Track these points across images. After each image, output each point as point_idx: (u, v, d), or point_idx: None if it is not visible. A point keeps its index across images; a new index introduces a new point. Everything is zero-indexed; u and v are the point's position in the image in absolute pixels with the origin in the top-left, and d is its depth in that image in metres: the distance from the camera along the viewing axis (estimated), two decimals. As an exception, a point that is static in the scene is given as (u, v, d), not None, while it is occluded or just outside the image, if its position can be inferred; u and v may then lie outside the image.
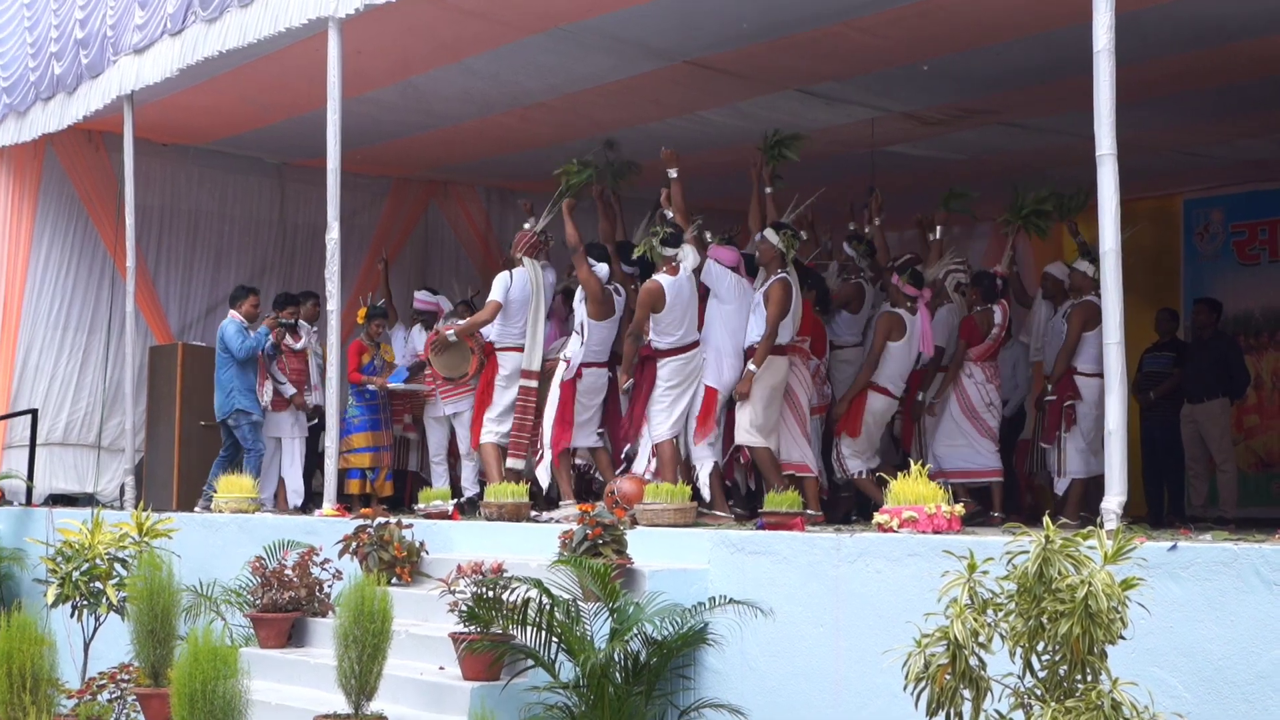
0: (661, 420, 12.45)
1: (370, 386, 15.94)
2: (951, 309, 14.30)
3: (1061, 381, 13.24)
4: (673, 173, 12.86)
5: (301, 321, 16.07)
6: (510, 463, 13.42)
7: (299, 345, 15.85)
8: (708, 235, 12.79)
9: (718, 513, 12.26)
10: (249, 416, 15.18)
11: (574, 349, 13.04)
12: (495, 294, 13.70)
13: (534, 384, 13.46)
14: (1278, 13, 11.51)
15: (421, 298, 16.12)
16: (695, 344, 12.50)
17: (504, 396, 13.68)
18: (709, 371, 12.60)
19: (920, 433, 14.17)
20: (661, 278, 12.41)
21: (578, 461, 13.68)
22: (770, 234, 12.57)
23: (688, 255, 12.49)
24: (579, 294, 13.28)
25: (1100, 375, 12.80)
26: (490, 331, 13.82)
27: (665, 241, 12.47)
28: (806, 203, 13.50)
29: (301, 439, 16.04)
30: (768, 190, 13.46)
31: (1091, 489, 13.19)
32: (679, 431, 12.52)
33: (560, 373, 13.04)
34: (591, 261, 13.12)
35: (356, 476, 15.90)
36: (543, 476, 13.06)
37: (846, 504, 13.92)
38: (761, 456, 12.42)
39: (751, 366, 12.22)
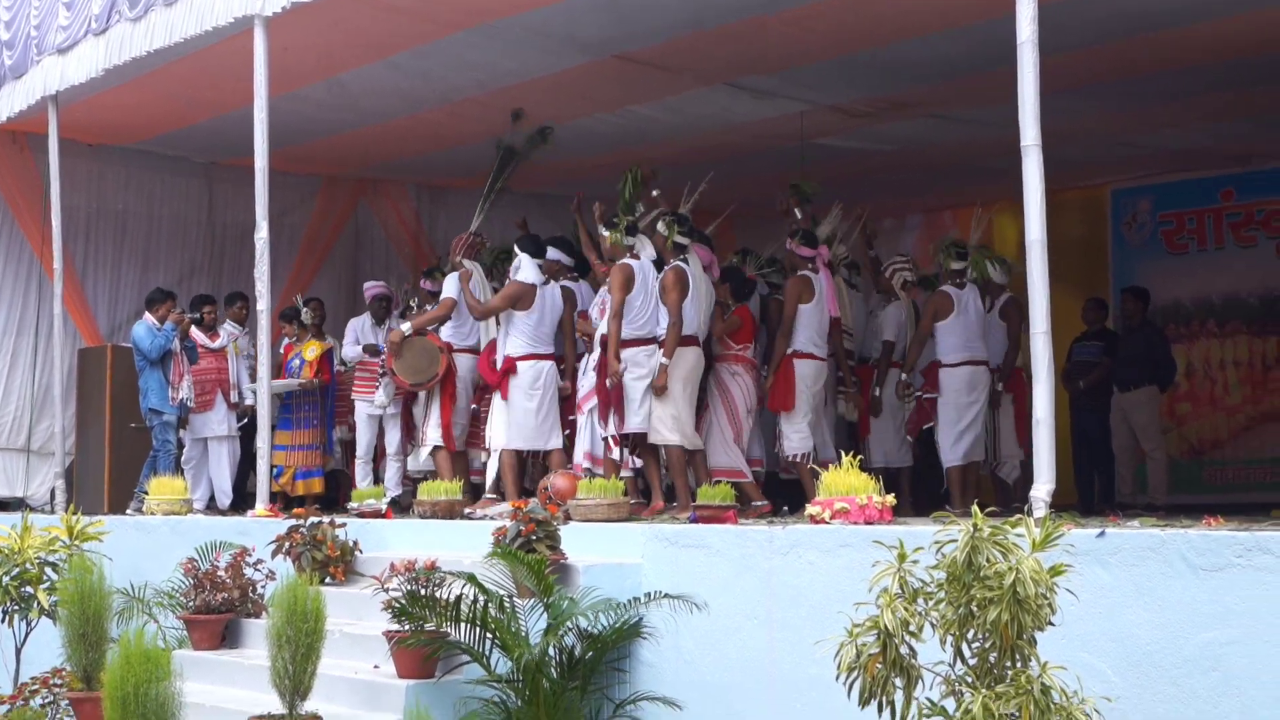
0: (631, 414, 12.23)
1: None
2: (899, 305, 14.38)
3: (927, 373, 13.56)
4: (602, 231, 12.85)
5: (230, 324, 16.02)
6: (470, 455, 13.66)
7: (216, 344, 15.79)
8: (661, 226, 12.63)
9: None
10: (160, 416, 15.13)
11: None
12: (449, 291, 13.76)
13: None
14: (1200, 2, 11.62)
15: (374, 284, 16.03)
16: (656, 339, 12.30)
17: (464, 399, 13.74)
18: None
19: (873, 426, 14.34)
20: (629, 260, 12.34)
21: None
22: (660, 225, 12.57)
23: (645, 245, 12.48)
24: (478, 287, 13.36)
25: (965, 364, 13.13)
26: (445, 334, 13.82)
27: (627, 230, 12.45)
28: (699, 189, 13.41)
29: (231, 440, 15.97)
30: (655, 193, 13.34)
31: (970, 474, 13.46)
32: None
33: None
34: (518, 252, 13.15)
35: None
36: (490, 470, 13.06)
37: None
38: (675, 455, 12.22)
39: (663, 359, 12.09)
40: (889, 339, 14.26)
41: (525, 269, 13.05)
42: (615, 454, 12.18)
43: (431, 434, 13.81)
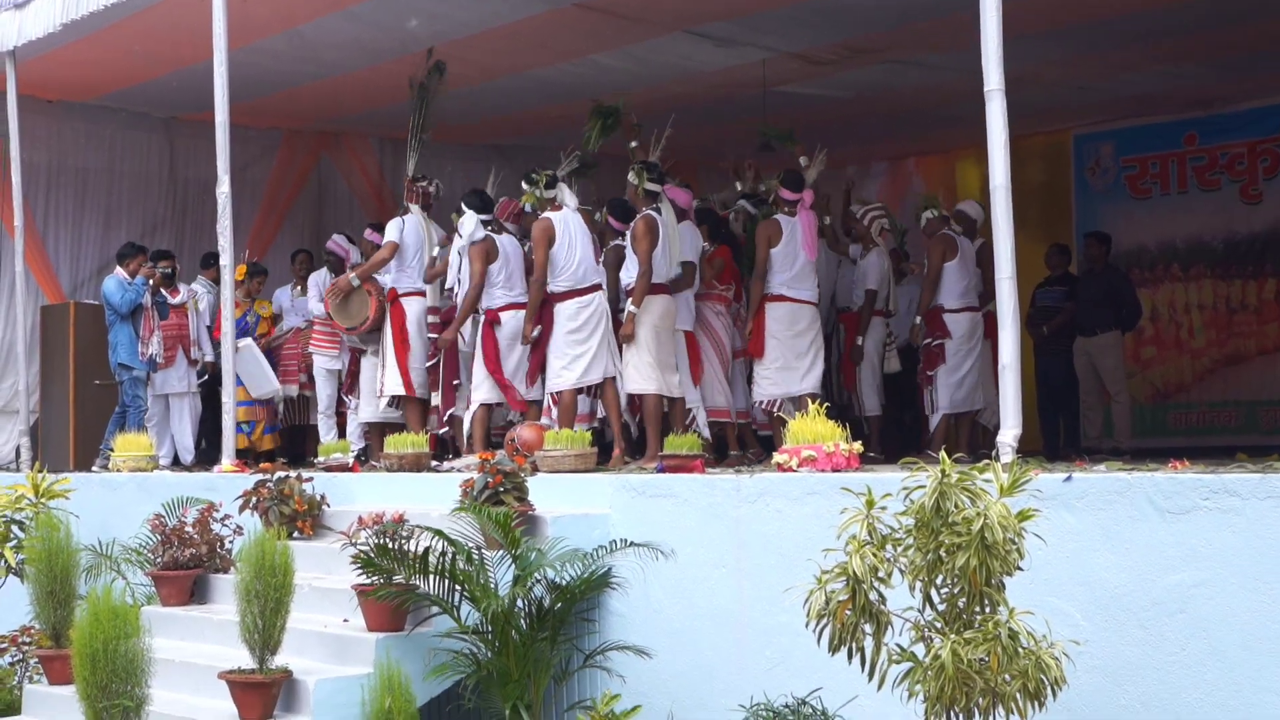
0: (560, 368, 12.23)
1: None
2: (879, 252, 14.36)
3: (929, 320, 13.47)
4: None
5: (202, 282, 16.00)
6: (422, 394, 13.62)
7: (176, 300, 15.74)
8: (631, 175, 12.55)
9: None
10: (130, 371, 15.09)
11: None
12: (390, 234, 13.77)
13: (436, 320, 13.54)
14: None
15: (338, 240, 15.97)
16: (596, 287, 12.30)
17: (417, 343, 13.65)
18: (683, 316, 12.72)
19: (857, 379, 14.31)
20: (548, 214, 12.32)
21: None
22: (630, 174, 12.51)
23: (565, 194, 12.46)
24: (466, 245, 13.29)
25: (966, 310, 13.16)
26: (389, 279, 13.80)
27: (547, 184, 12.45)
28: (665, 134, 13.36)
29: (192, 396, 15.96)
30: (633, 145, 13.32)
31: (964, 424, 13.54)
32: (585, 382, 12.24)
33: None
34: (464, 209, 13.09)
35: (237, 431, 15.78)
36: (465, 421, 12.97)
37: None
38: (650, 403, 12.18)
39: (631, 307, 12.05)
40: (871, 287, 14.22)
41: (469, 223, 12.95)
42: (553, 414, 12.21)
43: (390, 383, 13.75)
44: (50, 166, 17.34)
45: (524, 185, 12.62)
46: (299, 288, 16.62)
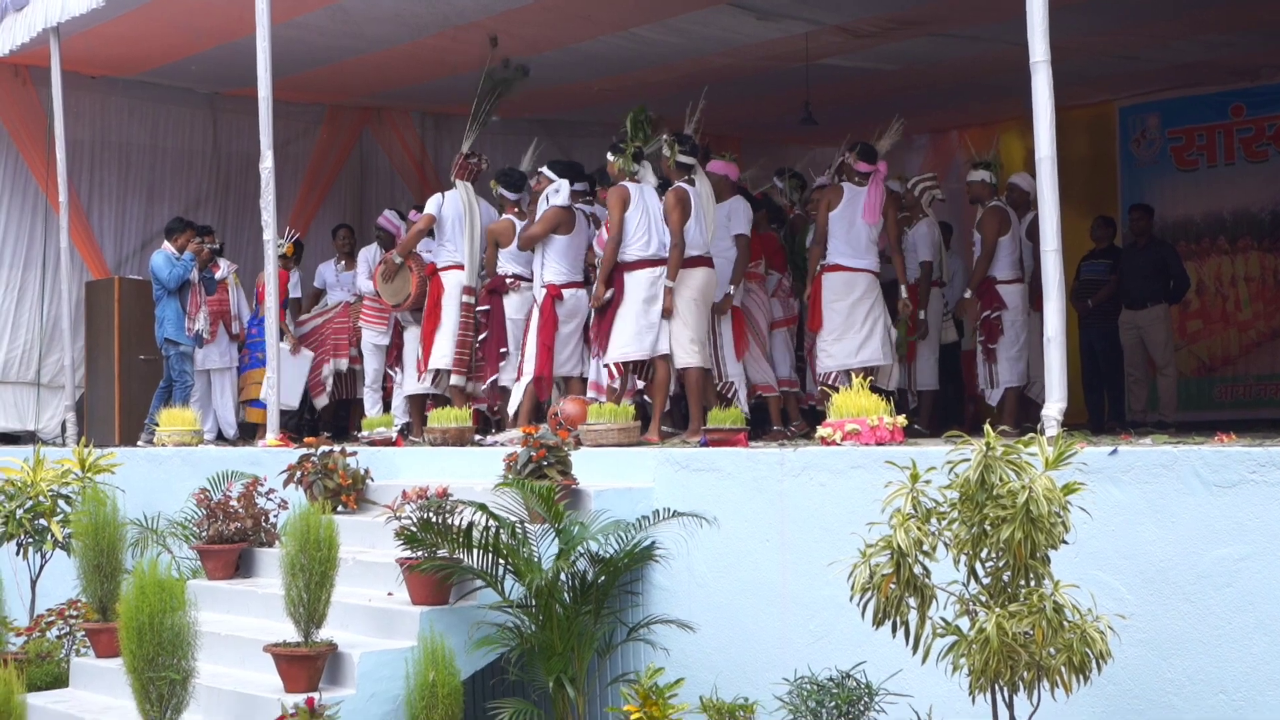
0: (631, 336, 12.04)
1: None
2: (930, 222, 14.32)
3: (983, 292, 13.34)
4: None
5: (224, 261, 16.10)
6: (454, 379, 13.44)
7: (217, 276, 15.80)
8: (664, 148, 12.49)
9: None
10: (177, 346, 15.18)
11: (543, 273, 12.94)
12: (429, 208, 13.86)
13: (472, 300, 13.45)
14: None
15: (388, 216, 15.99)
16: (664, 260, 12.11)
17: (451, 316, 13.64)
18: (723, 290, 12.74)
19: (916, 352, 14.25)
20: (626, 183, 12.17)
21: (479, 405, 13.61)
22: (663, 146, 12.43)
23: (648, 172, 12.36)
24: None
25: (1019, 281, 13.09)
26: (430, 254, 13.82)
27: (634, 156, 12.30)
28: (700, 107, 13.30)
29: (233, 371, 16.04)
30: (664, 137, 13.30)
31: (1014, 398, 13.43)
32: (654, 353, 12.07)
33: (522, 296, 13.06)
34: (552, 176, 13.04)
35: (260, 406, 15.87)
36: (515, 395, 12.85)
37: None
38: (694, 377, 12.08)
39: (666, 281, 11.96)
40: (926, 259, 14.14)
41: (563, 192, 12.90)
42: (616, 382, 12.08)
43: (433, 358, 13.80)
44: (94, 142, 17.43)
45: (609, 155, 12.44)
46: (343, 262, 16.65)
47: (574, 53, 15.17)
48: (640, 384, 12.30)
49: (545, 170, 13.25)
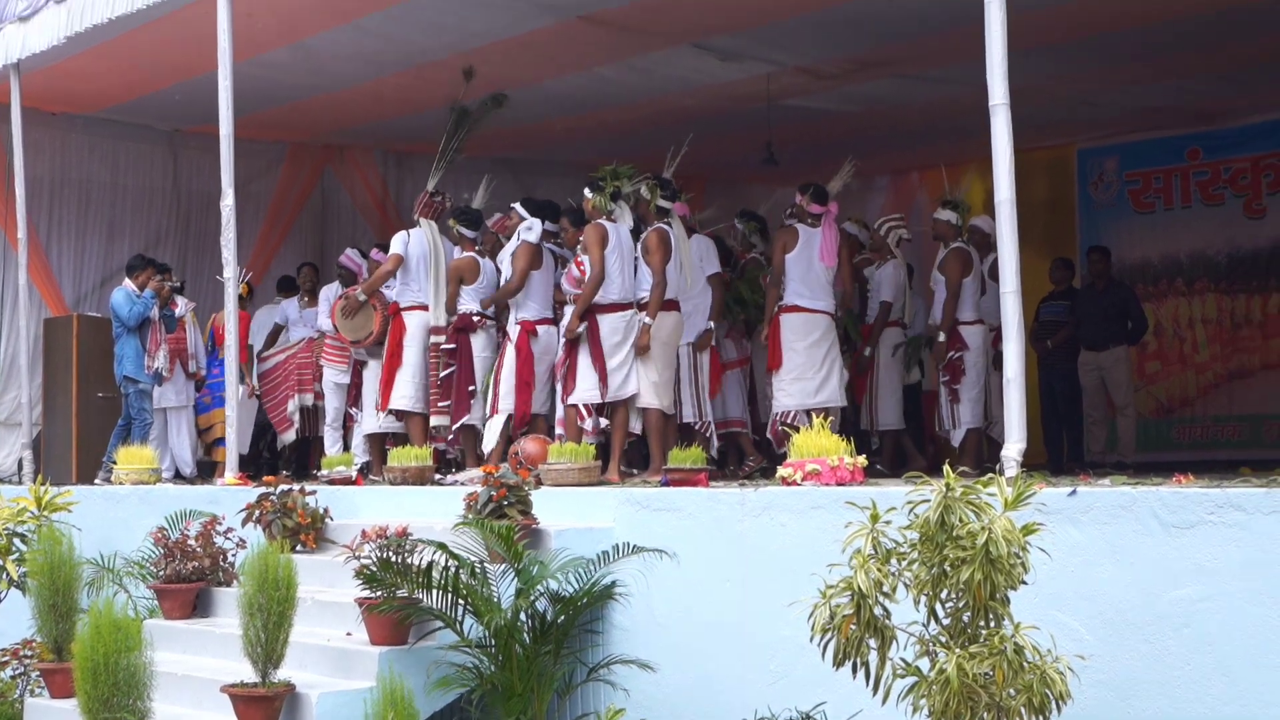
0: (597, 380, 12.04)
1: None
2: (897, 264, 14.38)
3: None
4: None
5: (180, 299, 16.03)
6: (434, 420, 13.40)
7: (176, 313, 15.75)
8: (643, 190, 12.50)
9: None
10: (136, 384, 15.12)
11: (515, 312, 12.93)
12: (394, 248, 13.74)
13: (442, 339, 13.39)
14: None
15: (350, 255, 15.96)
16: (634, 304, 12.16)
17: (413, 356, 13.60)
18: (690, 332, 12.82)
19: (872, 389, 14.25)
20: (603, 222, 12.11)
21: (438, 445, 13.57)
22: (643, 189, 12.46)
23: (625, 213, 12.33)
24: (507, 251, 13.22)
25: (980, 322, 13.15)
26: (393, 293, 13.78)
27: (612, 196, 12.24)
28: (680, 153, 13.36)
29: (189, 410, 15.99)
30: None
31: (975, 439, 13.46)
32: (620, 395, 12.09)
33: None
34: (524, 214, 13.02)
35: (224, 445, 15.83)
36: (491, 434, 12.74)
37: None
38: (655, 418, 12.16)
39: (645, 319, 11.99)
40: (886, 299, 14.20)
41: (535, 230, 12.87)
42: (588, 423, 12.03)
43: (393, 399, 13.77)
44: (53, 179, 17.37)
45: (587, 192, 12.39)
46: (305, 299, 16.62)
47: (537, 91, 15.20)
48: (604, 423, 12.29)
49: (517, 207, 13.23)
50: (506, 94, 14.20)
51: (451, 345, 13.31)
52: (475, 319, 13.26)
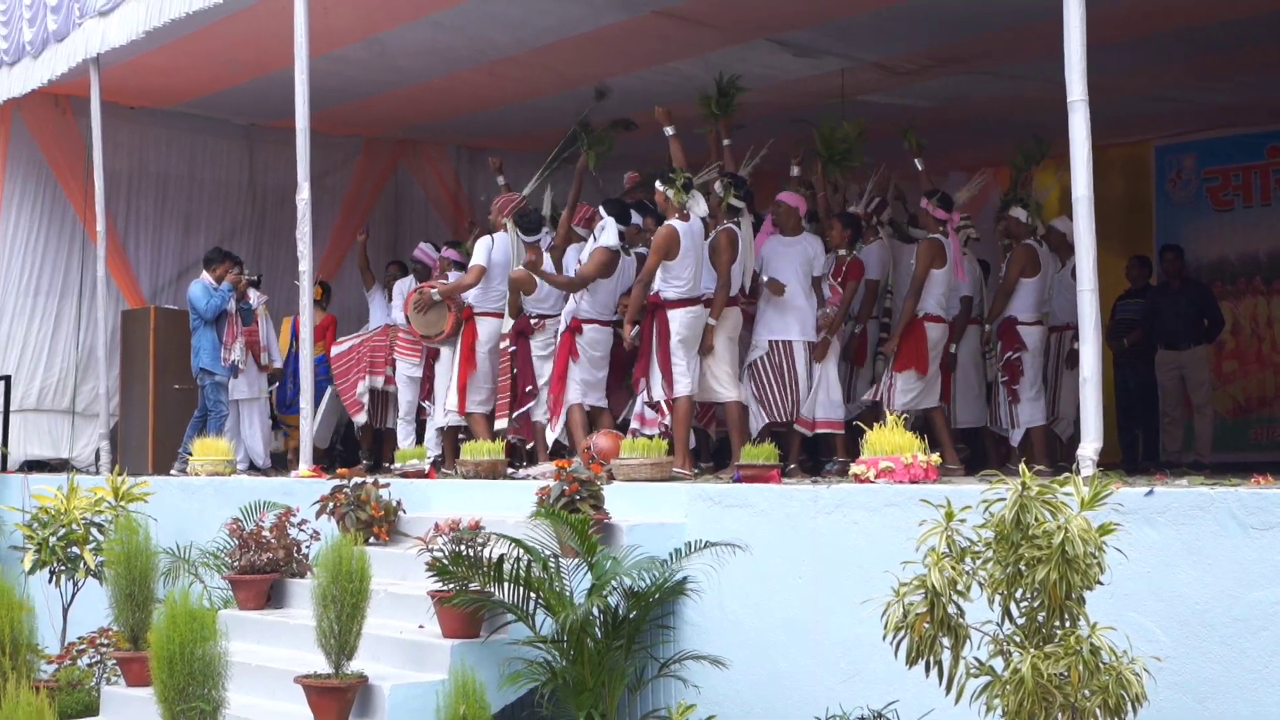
0: (678, 374, 12.02)
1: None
2: (970, 260, 14.30)
3: (1003, 332, 13.37)
4: (668, 130, 12.73)
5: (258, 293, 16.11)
6: (497, 424, 13.45)
7: (251, 305, 15.86)
8: (717, 188, 12.52)
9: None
10: (212, 376, 15.20)
11: (570, 304, 12.89)
12: (478, 258, 13.65)
13: (508, 344, 13.42)
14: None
15: (424, 249, 16.01)
16: (701, 300, 12.17)
17: (484, 363, 13.64)
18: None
19: (952, 386, 14.15)
20: (675, 222, 12.04)
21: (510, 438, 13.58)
22: (717, 187, 12.47)
23: (699, 202, 12.31)
24: (577, 250, 13.18)
25: (1039, 324, 13.10)
26: (469, 296, 13.77)
27: (684, 187, 12.19)
28: (760, 153, 13.36)
29: (262, 401, 16.07)
30: (726, 143, 13.36)
31: (1042, 435, 13.41)
32: (692, 390, 12.08)
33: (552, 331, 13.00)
34: (603, 214, 13.02)
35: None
36: (551, 436, 12.88)
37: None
38: (735, 411, 12.27)
39: (710, 320, 12.09)
40: (967, 294, 14.14)
41: (610, 233, 12.82)
42: (667, 419, 12.01)
43: (449, 399, 13.84)
44: (131, 172, 17.55)
45: (658, 184, 12.37)
46: (389, 294, 16.69)
47: (611, 86, 15.19)
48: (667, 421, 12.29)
49: (601, 209, 13.15)
50: (634, 121, 14.14)
51: (512, 347, 13.33)
52: (534, 321, 13.25)
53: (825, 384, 12.95)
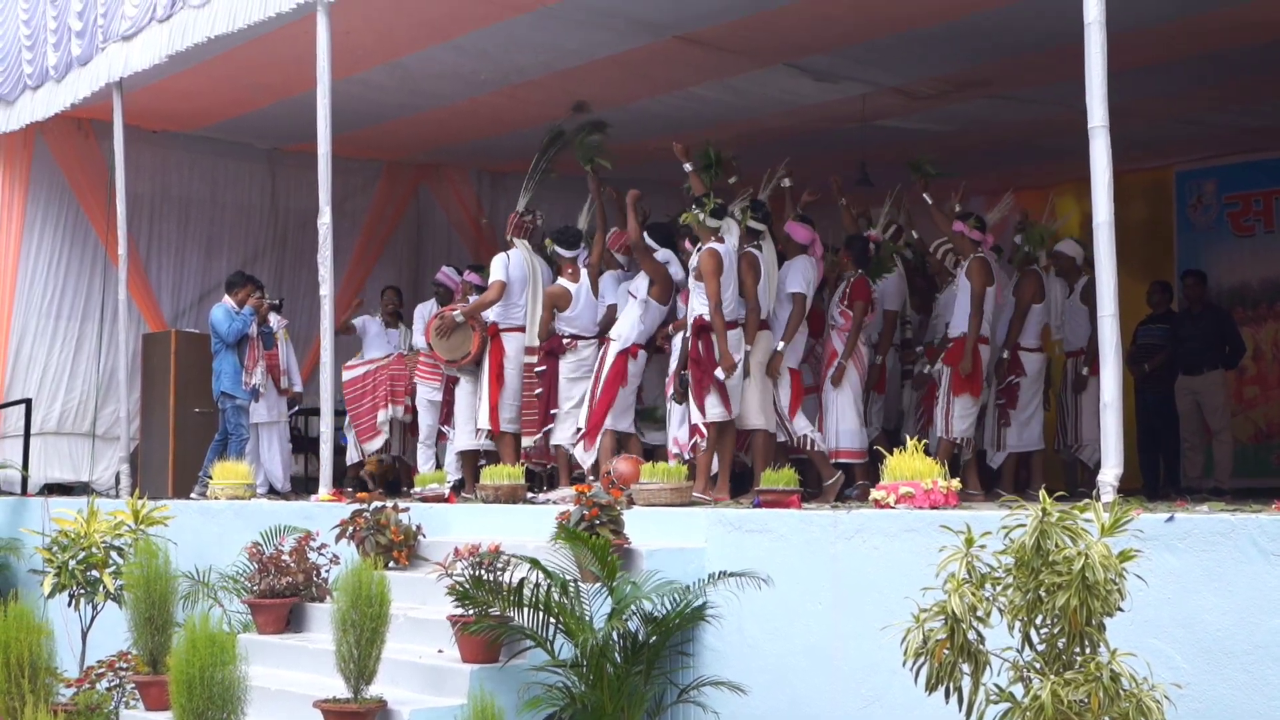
0: (716, 400, 11.97)
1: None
2: (900, 274, 14.25)
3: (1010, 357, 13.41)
4: (687, 166, 12.71)
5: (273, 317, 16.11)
6: (525, 441, 13.47)
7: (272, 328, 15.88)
8: (736, 213, 12.51)
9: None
10: (233, 400, 15.21)
11: (628, 328, 12.88)
12: (496, 274, 13.70)
13: (534, 360, 13.47)
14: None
15: (446, 272, 16.05)
16: (739, 324, 12.13)
17: (513, 379, 13.67)
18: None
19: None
20: (716, 245, 11.99)
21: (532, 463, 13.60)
22: (735, 210, 12.45)
23: (731, 228, 12.27)
24: (640, 278, 13.14)
25: (1039, 350, 13.12)
26: (491, 313, 13.80)
27: (713, 213, 12.14)
28: (779, 176, 13.35)
29: (281, 425, 16.08)
30: (732, 180, 13.27)
31: (1022, 462, 13.51)
32: (731, 416, 12.05)
33: (611, 351, 12.92)
34: (652, 243, 13.03)
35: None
36: (587, 459, 12.83)
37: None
38: (762, 440, 12.29)
39: (746, 345, 12.07)
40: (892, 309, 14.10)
41: (672, 263, 12.97)
42: (705, 442, 11.95)
43: (480, 417, 13.83)
44: (154, 196, 17.63)
45: (693, 207, 12.36)
46: (387, 320, 16.68)
47: (631, 111, 15.22)
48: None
49: (646, 238, 13.14)
50: (606, 121, 14.18)
51: (542, 367, 13.35)
52: (566, 341, 13.28)
53: (838, 412, 12.94)
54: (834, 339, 13.12)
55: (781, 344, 12.57)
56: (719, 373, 11.83)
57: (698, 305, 11.99)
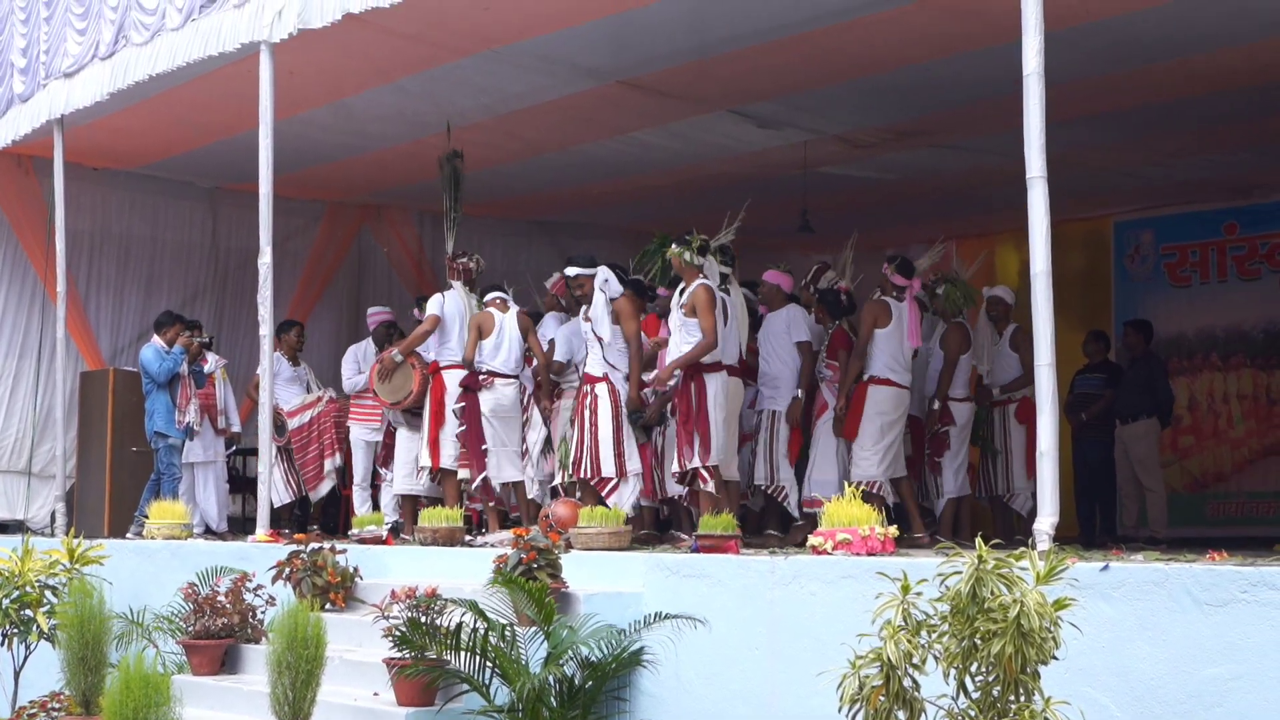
0: (716, 444, 11.87)
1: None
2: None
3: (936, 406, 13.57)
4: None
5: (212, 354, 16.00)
6: (461, 474, 13.47)
7: (206, 369, 15.75)
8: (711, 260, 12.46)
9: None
10: (166, 439, 15.14)
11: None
12: (432, 309, 13.77)
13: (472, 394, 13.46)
14: (1199, 32, 11.63)
15: (378, 310, 16.06)
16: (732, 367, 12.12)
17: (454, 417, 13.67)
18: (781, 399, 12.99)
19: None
20: (706, 281, 11.91)
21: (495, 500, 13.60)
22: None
23: (713, 267, 12.16)
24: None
25: (968, 400, 13.23)
26: (432, 352, 13.82)
27: (698, 250, 12.03)
28: (734, 224, 13.39)
29: (218, 464, 16.00)
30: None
31: (962, 508, 13.68)
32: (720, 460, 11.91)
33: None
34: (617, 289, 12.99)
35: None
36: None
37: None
38: (732, 488, 12.32)
39: (799, 393, 12.80)
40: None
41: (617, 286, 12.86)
42: (711, 485, 11.77)
43: (421, 455, 13.81)
44: (94, 233, 17.52)
45: (674, 246, 12.30)
46: (292, 359, 16.52)
47: (575, 154, 15.28)
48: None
49: (610, 278, 12.90)
50: (459, 150, 14.27)
51: (461, 404, 13.37)
52: (482, 378, 13.29)
53: (819, 460, 13.13)
54: (824, 391, 13.27)
55: (800, 392, 12.96)
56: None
57: (682, 343, 11.92)
